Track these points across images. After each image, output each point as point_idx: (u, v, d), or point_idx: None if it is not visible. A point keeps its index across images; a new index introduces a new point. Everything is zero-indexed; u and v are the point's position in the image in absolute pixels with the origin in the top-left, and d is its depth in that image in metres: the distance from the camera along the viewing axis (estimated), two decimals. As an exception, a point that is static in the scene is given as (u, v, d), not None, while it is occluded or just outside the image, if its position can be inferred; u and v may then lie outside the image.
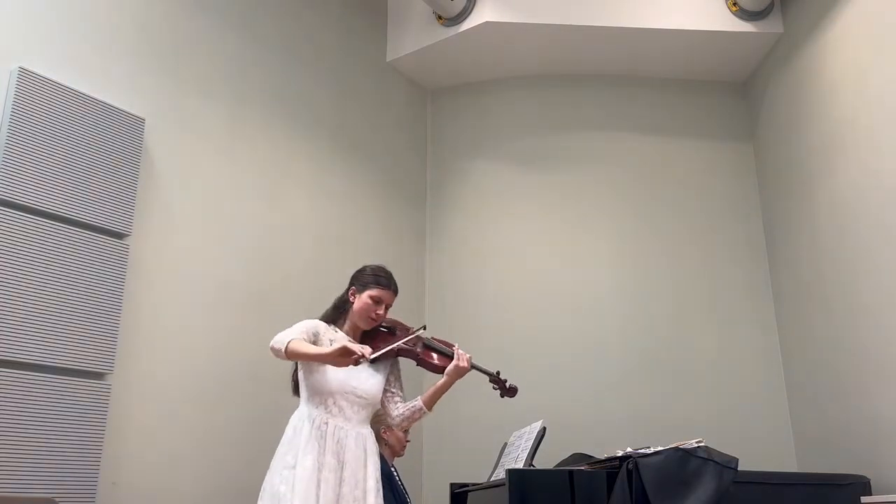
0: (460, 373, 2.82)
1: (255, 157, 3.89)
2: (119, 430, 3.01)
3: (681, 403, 4.29)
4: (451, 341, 2.99)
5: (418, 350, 2.84)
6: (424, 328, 2.89)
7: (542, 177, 4.80)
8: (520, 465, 3.13)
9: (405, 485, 3.67)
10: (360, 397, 2.68)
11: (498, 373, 3.02)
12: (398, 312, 3.03)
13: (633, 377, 4.38)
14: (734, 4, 4.40)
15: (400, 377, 2.90)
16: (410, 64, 4.91)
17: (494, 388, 3.03)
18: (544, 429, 3.27)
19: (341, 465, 2.55)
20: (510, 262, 4.69)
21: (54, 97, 2.99)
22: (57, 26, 3.12)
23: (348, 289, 2.85)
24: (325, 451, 2.53)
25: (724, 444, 2.96)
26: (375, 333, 2.84)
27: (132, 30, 3.40)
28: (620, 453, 2.84)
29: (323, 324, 2.76)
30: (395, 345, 2.77)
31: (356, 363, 2.49)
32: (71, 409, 2.82)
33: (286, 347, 2.51)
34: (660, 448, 2.79)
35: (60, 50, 3.11)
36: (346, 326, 2.81)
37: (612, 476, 2.75)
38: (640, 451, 2.80)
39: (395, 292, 2.84)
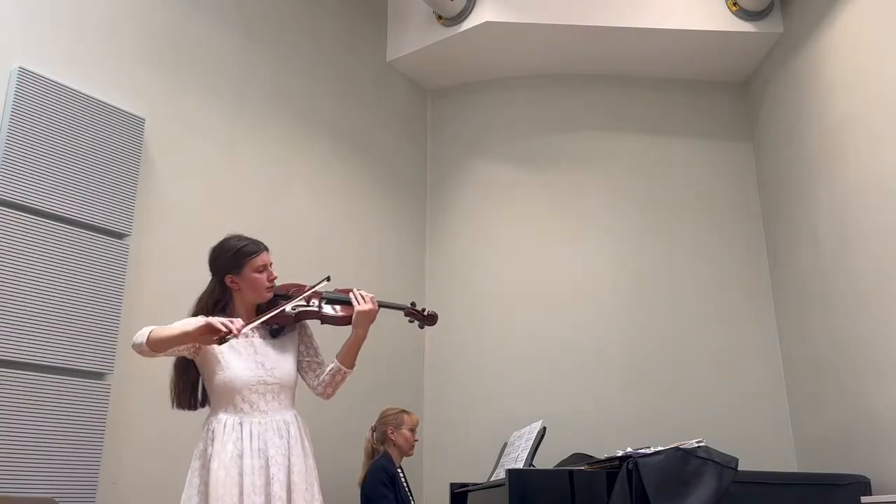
0: (370, 316, 2.51)
1: (255, 157, 3.89)
2: (119, 430, 3.01)
3: (681, 403, 4.29)
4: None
5: (320, 306, 2.51)
6: (328, 279, 2.51)
7: (542, 177, 4.81)
8: (520, 465, 3.13)
9: (409, 485, 3.68)
10: (272, 384, 2.40)
11: (413, 303, 2.78)
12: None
13: (633, 377, 4.38)
14: (734, 4, 4.40)
15: (313, 343, 2.60)
16: (410, 64, 4.91)
17: (411, 322, 2.78)
18: (544, 429, 3.27)
19: (267, 463, 2.29)
20: (510, 261, 4.69)
21: (54, 97, 2.99)
22: (57, 26, 3.11)
23: (219, 280, 2.50)
24: (244, 454, 2.28)
25: (724, 444, 2.96)
26: (273, 304, 2.49)
27: (132, 30, 3.40)
28: (620, 453, 2.84)
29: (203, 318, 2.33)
30: (284, 306, 2.43)
31: (221, 341, 2.16)
32: (71, 409, 2.82)
33: (148, 338, 2.20)
34: (660, 448, 2.79)
35: (60, 50, 3.11)
36: (238, 312, 2.45)
37: (612, 476, 2.75)
38: (640, 451, 2.80)
39: (267, 248, 2.52)
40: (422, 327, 2.81)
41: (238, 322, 2.21)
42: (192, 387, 2.46)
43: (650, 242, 4.62)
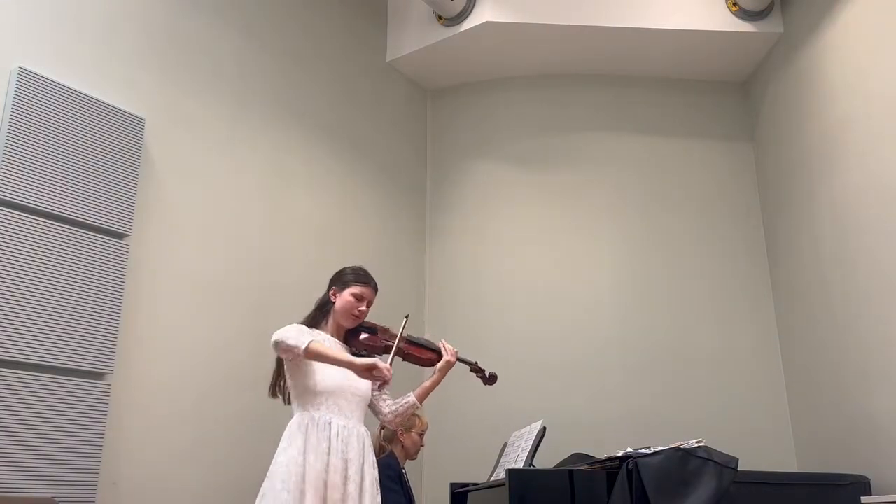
0: (451, 367, 2.89)
1: (255, 157, 3.89)
2: (119, 430, 3.01)
3: (681, 403, 4.29)
4: (444, 338, 3.01)
5: (404, 346, 2.88)
6: (407, 317, 2.91)
7: (542, 177, 4.81)
8: (520, 465, 3.13)
9: (411, 486, 3.68)
10: (356, 395, 2.68)
11: (476, 362, 3.09)
12: (400, 312, 3.03)
13: (633, 377, 4.38)
14: (734, 4, 4.40)
15: None
16: (410, 64, 4.91)
17: (477, 377, 3.09)
18: (544, 429, 3.27)
19: (345, 464, 2.54)
20: (510, 261, 4.69)
21: (54, 97, 2.99)
22: (57, 26, 3.12)
23: (328, 290, 2.85)
24: (329, 451, 2.52)
25: (724, 444, 2.96)
26: (357, 333, 2.84)
27: (132, 30, 3.40)
28: (620, 453, 2.84)
29: (305, 327, 2.73)
30: (398, 341, 2.82)
31: (379, 382, 2.60)
32: (71, 409, 2.82)
33: (307, 347, 2.51)
34: (660, 448, 2.79)
35: (60, 50, 3.11)
36: (328, 328, 2.80)
37: (612, 476, 2.75)
38: (640, 451, 2.80)
39: (375, 289, 2.86)
40: (485, 384, 3.11)
41: (389, 370, 2.58)
42: (278, 382, 2.77)
43: (650, 242, 4.62)
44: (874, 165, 3.44)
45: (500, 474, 3.03)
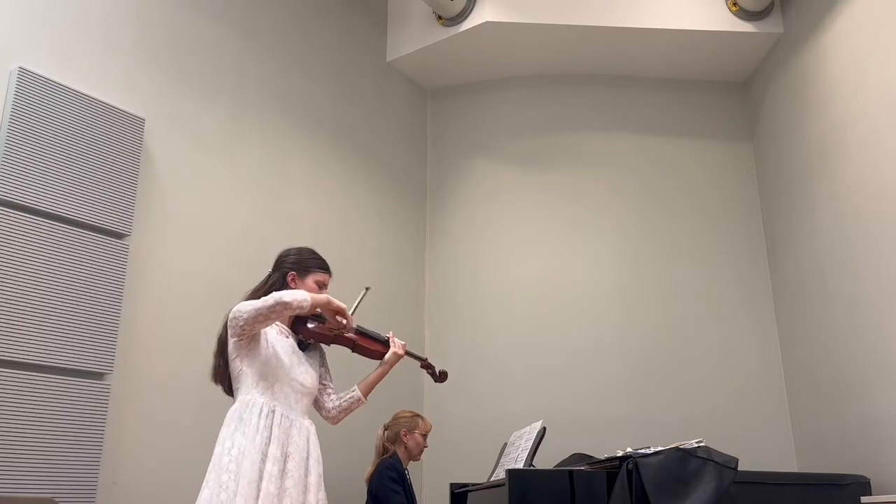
0: (398, 360, 2.78)
1: (255, 157, 3.89)
2: (119, 430, 3.01)
3: (681, 403, 4.29)
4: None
5: (354, 336, 2.70)
6: (368, 289, 2.80)
7: (541, 177, 4.81)
8: (520, 465, 3.13)
9: (413, 487, 3.68)
10: (303, 386, 2.54)
11: (426, 358, 3.01)
12: (400, 312, 3.02)
13: (632, 377, 4.38)
14: (734, 4, 4.41)
15: (328, 368, 2.76)
16: (410, 64, 4.91)
17: (427, 373, 2.99)
18: (544, 429, 3.27)
19: (285, 456, 2.40)
20: (510, 261, 4.69)
21: (54, 97, 2.99)
22: (57, 26, 3.12)
23: (283, 274, 2.65)
24: (270, 440, 2.38)
25: (724, 444, 2.96)
26: (304, 320, 2.64)
27: (132, 30, 3.40)
28: (620, 453, 2.84)
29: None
30: (350, 328, 2.63)
31: (340, 329, 2.52)
32: (71, 409, 2.82)
33: (267, 305, 2.35)
34: (660, 448, 2.79)
35: (60, 50, 3.11)
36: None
37: (612, 476, 2.75)
38: (640, 451, 2.80)
39: (331, 274, 2.73)
40: (435, 382, 3.00)
41: (352, 321, 2.51)
42: (224, 369, 2.56)
43: (650, 242, 4.63)
44: (874, 165, 3.44)
45: (500, 474, 3.03)
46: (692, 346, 4.43)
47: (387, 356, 2.76)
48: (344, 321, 2.51)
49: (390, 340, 2.79)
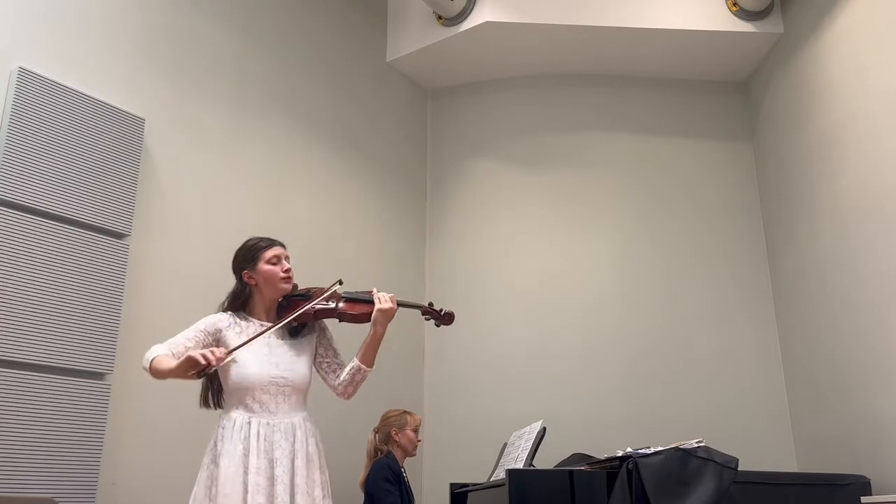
0: (388, 315, 2.55)
1: (255, 157, 3.89)
2: (119, 430, 3.01)
3: (681, 403, 4.29)
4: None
5: (337, 305, 2.54)
6: (340, 283, 2.55)
7: (541, 177, 4.81)
8: (520, 465, 3.13)
9: (411, 486, 3.69)
10: (283, 385, 2.43)
11: (431, 304, 2.79)
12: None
13: (633, 377, 4.38)
14: (734, 4, 4.40)
15: (332, 345, 2.63)
16: (410, 64, 4.91)
17: (427, 320, 2.78)
18: (544, 429, 3.27)
19: (271, 463, 2.33)
20: (510, 261, 4.69)
21: (54, 97, 2.99)
22: (57, 26, 3.12)
23: (239, 278, 2.57)
24: (250, 453, 2.31)
25: (724, 444, 2.96)
26: (292, 304, 2.54)
27: (133, 30, 3.40)
28: (620, 453, 2.84)
29: (226, 315, 2.51)
30: (302, 309, 2.48)
31: (200, 375, 2.23)
32: (71, 409, 2.82)
33: (150, 367, 2.29)
34: (660, 448, 2.79)
35: (61, 50, 3.11)
36: (258, 309, 2.54)
37: (612, 476, 2.75)
38: (640, 451, 2.80)
39: (283, 245, 2.62)
40: (438, 325, 2.79)
41: (218, 351, 2.23)
42: (209, 389, 2.55)
43: (650, 242, 4.62)
44: (874, 165, 3.44)
45: (500, 474, 3.03)
46: (692, 345, 4.43)
47: (373, 315, 2.53)
48: (198, 365, 2.21)
49: (374, 296, 2.57)
